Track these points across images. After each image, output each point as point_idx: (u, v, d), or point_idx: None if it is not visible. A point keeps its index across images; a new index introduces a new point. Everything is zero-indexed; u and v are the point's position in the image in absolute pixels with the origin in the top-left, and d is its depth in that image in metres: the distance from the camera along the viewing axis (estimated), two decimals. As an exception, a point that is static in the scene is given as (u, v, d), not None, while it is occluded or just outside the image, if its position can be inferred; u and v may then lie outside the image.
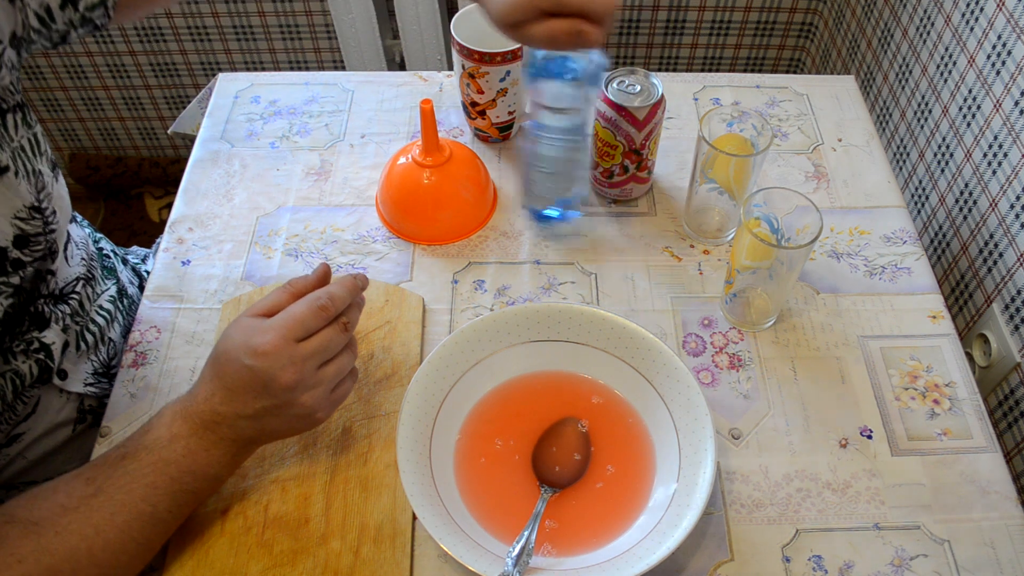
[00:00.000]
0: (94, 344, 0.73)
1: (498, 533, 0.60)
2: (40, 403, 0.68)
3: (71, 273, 0.71)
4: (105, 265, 0.79)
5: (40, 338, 0.66)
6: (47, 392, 0.68)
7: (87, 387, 0.71)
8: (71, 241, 0.72)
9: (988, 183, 0.92)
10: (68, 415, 0.71)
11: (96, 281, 0.75)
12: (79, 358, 0.71)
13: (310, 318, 0.54)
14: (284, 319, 0.53)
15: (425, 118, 0.73)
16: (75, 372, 0.71)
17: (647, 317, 0.75)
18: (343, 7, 1.41)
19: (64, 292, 0.69)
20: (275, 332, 0.53)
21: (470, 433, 0.66)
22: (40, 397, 0.68)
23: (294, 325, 0.53)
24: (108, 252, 0.81)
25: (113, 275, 0.79)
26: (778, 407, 0.69)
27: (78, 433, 0.72)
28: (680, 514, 0.57)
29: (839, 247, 0.80)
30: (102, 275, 0.77)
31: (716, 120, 0.74)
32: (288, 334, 0.53)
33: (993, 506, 0.64)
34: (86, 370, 0.72)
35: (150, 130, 1.82)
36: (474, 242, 0.81)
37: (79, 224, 0.76)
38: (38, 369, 0.66)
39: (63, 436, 0.71)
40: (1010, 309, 0.88)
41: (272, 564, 0.59)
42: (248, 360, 0.52)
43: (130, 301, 0.81)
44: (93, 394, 0.72)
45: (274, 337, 0.53)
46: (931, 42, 1.07)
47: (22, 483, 0.70)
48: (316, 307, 0.54)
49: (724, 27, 1.54)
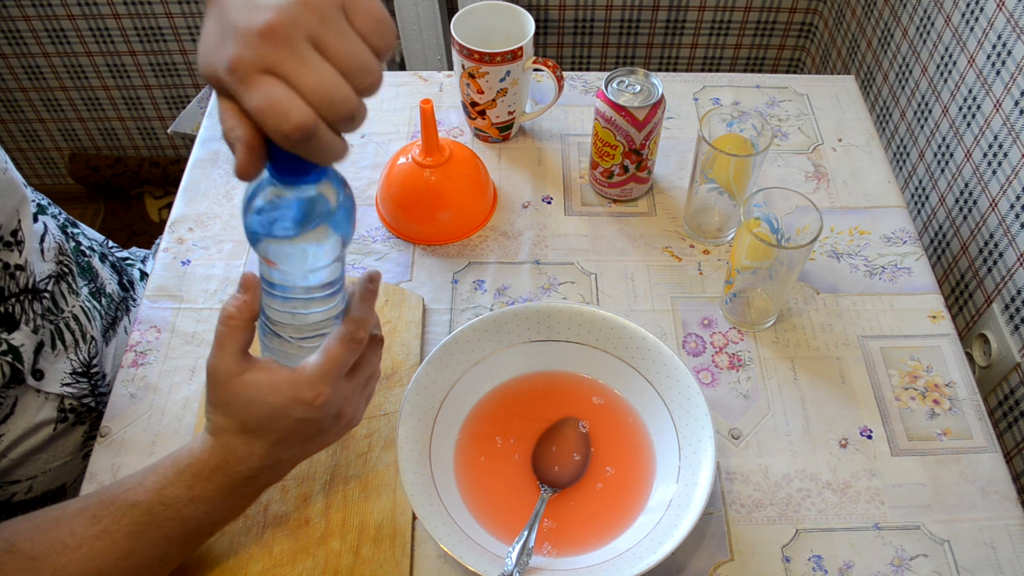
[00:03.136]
0: (73, 343, 0.72)
1: (498, 533, 0.60)
2: (17, 404, 0.67)
3: (45, 269, 0.70)
4: (79, 263, 0.77)
5: (8, 340, 0.65)
6: (24, 393, 0.68)
7: (64, 387, 0.70)
8: (48, 233, 0.71)
9: (988, 183, 0.92)
10: (48, 415, 0.70)
11: (72, 277, 0.74)
12: (56, 357, 0.70)
13: (348, 356, 0.51)
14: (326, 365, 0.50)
15: (425, 118, 0.73)
16: (52, 372, 0.70)
17: (647, 317, 0.75)
18: (343, 7, 1.41)
19: (36, 289, 0.68)
20: (322, 380, 0.50)
21: (470, 433, 0.66)
22: (17, 398, 0.67)
23: (338, 368, 0.51)
24: (85, 248, 0.80)
25: (90, 272, 0.78)
26: (778, 407, 0.69)
27: (59, 432, 0.71)
28: (680, 514, 0.57)
29: (839, 247, 0.80)
30: (79, 271, 0.76)
31: (716, 120, 0.74)
32: (336, 377, 0.51)
33: (993, 506, 0.64)
34: (63, 369, 0.71)
35: (150, 130, 1.82)
36: (474, 242, 0.81)
37: (53, 217, 0.75)
38: (10, 371, 0.65)
39: (45, 435, 0.70)
40: (1010, 309, 0.88)
41: (272, 564, 0.59)
42: (302, 414, 0.50)
43: (109, 299, 0.80)
44: (71, 394, 0.71)
45: (324, 387, 0.50)
46: (931, 42, 1.07)
47: (5, 483, 0.70)
48: (352, 344, 0.51)
49: (724, 27, 1.54)
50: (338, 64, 0.40)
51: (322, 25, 0.39)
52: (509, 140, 0.90)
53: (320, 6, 0.39)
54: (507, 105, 0.84)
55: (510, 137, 0.90)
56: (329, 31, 0.39)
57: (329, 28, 0.39)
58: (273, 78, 0.39)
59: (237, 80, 0.39)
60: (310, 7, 0.39)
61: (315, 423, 0.52)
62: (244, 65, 0.39)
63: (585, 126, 0.91)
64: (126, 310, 0.83)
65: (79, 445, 0.74)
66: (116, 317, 0.81)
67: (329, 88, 0.39)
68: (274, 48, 0.39)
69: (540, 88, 0.95)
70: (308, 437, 0.53)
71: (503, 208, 0.84)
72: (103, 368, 0.76)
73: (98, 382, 0.75)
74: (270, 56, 0.39)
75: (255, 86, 0.39)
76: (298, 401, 0.50)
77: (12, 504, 0.72)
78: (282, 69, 0.39)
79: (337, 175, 0.46)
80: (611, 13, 1.51)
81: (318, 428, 0.52)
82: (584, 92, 0.95)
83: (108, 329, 0.79)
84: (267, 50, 0.39)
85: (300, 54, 0.39)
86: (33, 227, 0.69)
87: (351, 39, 0.40)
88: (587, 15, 1.51)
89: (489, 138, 0.89)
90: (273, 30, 0.38)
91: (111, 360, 0.78)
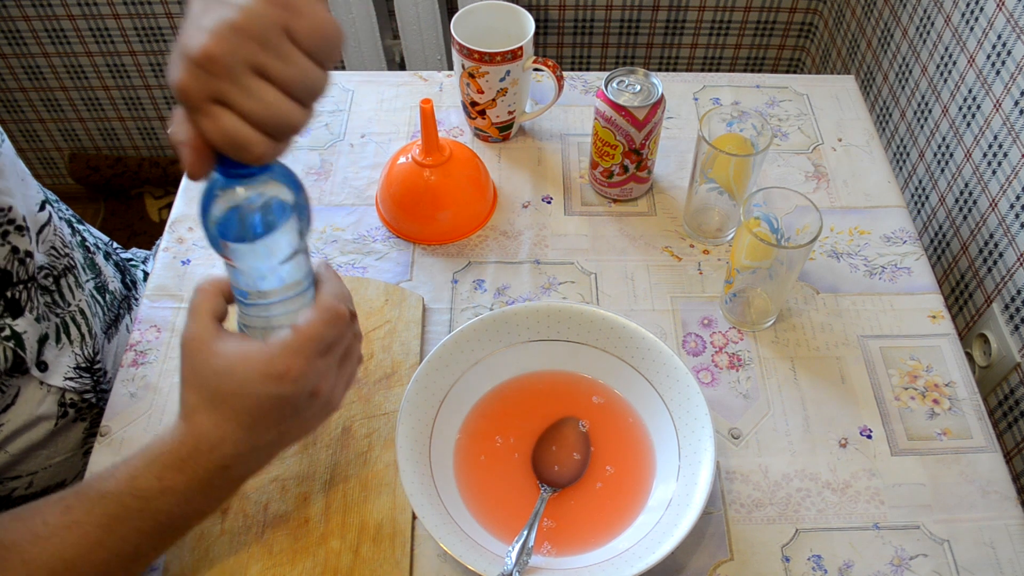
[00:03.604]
0: (79, 338, 0.72)
1: (498, 532, 0.60)
2: (20, 394, 0.68)
3: (41, 260, 0.70)
4: (85, 258, 0.78)
5: (12, 325, 0.65)
6: (27, 384, 0.68)
7: (66, 381, 0.71)
8: (50, 224, 0.71)
9: (988, 183, 0.92)
10: (49, 409, 0.70)
11: (77, 271, 0.74)
12: (61, 351, 0.71)
13: (328, 331, 0.49)
14: (299, 338, 0.48)
15: (425, 118, 0.73)
16: (56, 365, 0.70)
17: (647, 317, 0.75)
18: (343, 7, 1.41)
19: (42, 278, 0.68)
20: (295, 354, 0.48)
21: (470, 433, 0.66)
22: (20, 388, 0.67)
23: (313, 343, 0.49)
24: (90, 245, 0.81)
25: (94, 267, 0.79)
26: (778, 407, 0.69)
27: (60, 428, 0.72)
28: (680, 514, 0.57)
29: (839, 247, 0.80)
30: (84, 265, 0.76)
31: (716, 120, 0.74)
32: (311, 353, 0.49)
33: (993, 506, 0.64)
34: (68, 364, 0.71)
35: (150, 130, 1.82)
36: (474, 242, 0.81)
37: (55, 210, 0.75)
38: (12, 358, 0.65)
39: (45, 430, 0.70)
40: (1010, 309, 0.88)
41: (272, 564, 0.59)
42: (274, 389, 0.48)
43: (112, 296, 0.80)
44: (72, 388, 0.71)
45: (298, 360, 0.48)
46: (931, 42, 1.07)
47: (6, 478, 0.70)
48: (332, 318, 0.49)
49: (724, 27, 1.54)
50: (284, 88, 0.40)
51: (263, 53, 0.39)
52: (509, 140, 0.90)
53: (260, 32, 0.39)
54: (507, 105, 0.84)
55: (510, 137, 0.90)
56: (270, 59, 0.39)
57: (270, 55, 0.39)
58: (223, 109, 0.39)
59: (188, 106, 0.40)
60: (249, 34, 0.39)
61: (289, 401, 0.49)
62: (191, 93, 0.39)
63: (585, 126, 0.91)
64: (128, 308, 0.84)
65: (80, 442, 0.74)
66: (119, 314, 0.81)
67: (277, 114, 0.40)
68: (216, 78, 0.39)
69: (540, 88, 0.95)
70: (283, 418, 0.50)
71: (503, 208, 0.84)
72: (105, 364, 0.77)
73: (100, 378, 0.75)
74: (214, 86, 0.39)
75: (207, 116, 0.39)
76: (270, 375, 0.47)
77: (12, 499, 0.72)
78: (228, 100, 0.39)
79: (284, 168, 0.46)
80: (611, 13, 1.51)
81: (293, 407, 0.50)
82: (584, 92, 0.95)
83: (111, 326, 0.79)
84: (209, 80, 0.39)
85: (243, 84, 0.39)
86: (37, 215, 0.70)
87: (295, 62, 0.40)
88: (587, 15, 1.51)
89: (489, 138, 0.89)
90: (211, 59, 0.38)
91: (113, 357, 0.79)
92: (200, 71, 0.39)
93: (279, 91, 0.40)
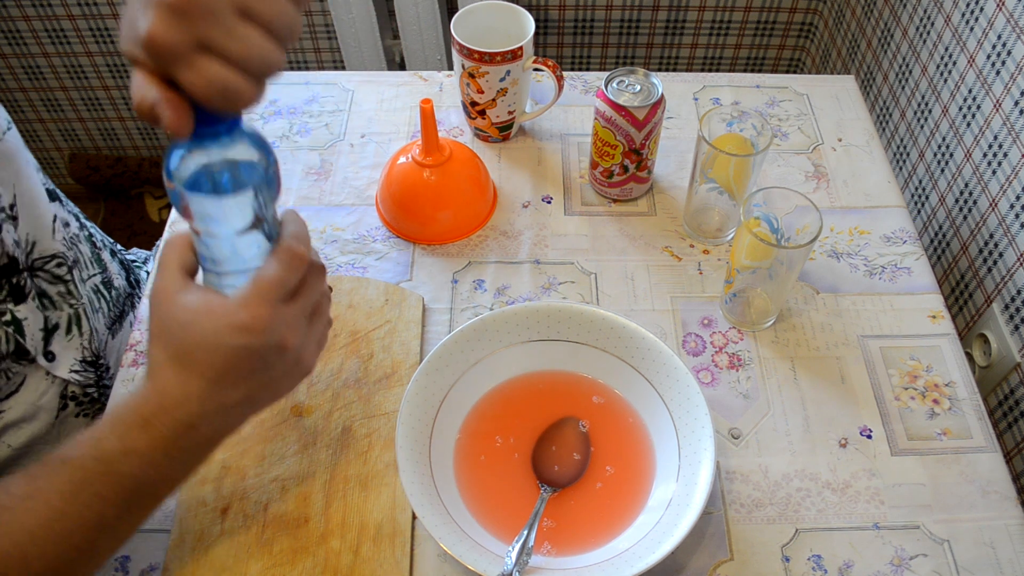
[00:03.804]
0: (89, 331, 0.73)
1: (498, 532, 0.60)
2: (25, 382, 0.67)
3: (56, 248, 0.70)
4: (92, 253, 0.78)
5: (13, 311, 0.64)
6: (33, 373, 0.68)
7: (72, 373, 0.71)
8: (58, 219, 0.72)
9: (988, 183, 0.92)
10: (50, 400, 0.70)
11: (82, 266, 0.75)
12: (69, 343, 0.71)
13: (291, 275, 0.47)
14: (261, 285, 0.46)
15: (425, 118, 0.73)
16: (63, 356, 0.70)
17: (647, 317, 0.75)
18: (343, 7, 1.41)
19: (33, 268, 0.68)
20: (259, 302, 0.46)
21: (470, 432, 0.66)
22: (26, 377, 0.67)
23: (276, 288, 0.47)
24: (97, 241, 0.81)
25: (100, 263, 0.79)
26: (778, 407, 0.69)
27: (60, 420, 0.72)
28: (680, 513, 0.57)
29: (839, 247, 0.80)
30: (91, 260, 0.77)
31: (716, 120, 0.74)
32: (275, 299, 0.46)
33: (993, 506, 0.64)
34: (74, 356, 0.71)
35: (150, 130, 1.82)
36: (474, 242, 0.81)
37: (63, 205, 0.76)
38: (14, 344, 0.65)
39: (45, 422, 0.70)
40: (1010, 309, 0.88)
41: (272, 563, 0.59)
42: (238, 340, 0.46)
43: (117, 293, 0.80)
44: (77, 381, 0.71)
45: (262, 308, 0.46)
46: (931, 42, 1.07)
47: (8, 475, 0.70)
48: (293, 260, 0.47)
49: (724, 27, 1.54)
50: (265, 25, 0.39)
51: None
52: (509, 140, 0.90)
53: None
54: (507, 105, 0.84)
55: (510, 137, 0.90)
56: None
57: None
58: (208, 57, 0.38)
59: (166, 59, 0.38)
60: None
61: (256, 353, 0.46)
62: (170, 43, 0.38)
63: (585, 126, 0.91)
64: (132, 306, 0.84)
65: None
66: (123, 311, 0.82)
67: (262, 54, 0.39)
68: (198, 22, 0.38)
69: (540, 88, 0.95)
70: (251, 372, 0.47)
71: (503, 208, 0.84)
72: (108, 360, 0.77)
73: (103, 373, 0.75)
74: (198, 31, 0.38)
75: (190, 66, 0.38)
76: (233, 326, 0.45)
77: None
78: (215, 44, 0.38)
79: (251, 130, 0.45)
80: (611, 13, 1.51)
81: (261, 360, 0.47)
82: (584, 92, 0.95)
83: (115, 322, 0.79)
84: (192, 25, 0.38)
85: (227, 26, 0.38)
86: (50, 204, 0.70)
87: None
88: (587, 15, 1.51)
89: (489, 138, 0.89)
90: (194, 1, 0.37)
91: (116, 354, 0.79)
92: (180, 18, 0.37)
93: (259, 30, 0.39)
